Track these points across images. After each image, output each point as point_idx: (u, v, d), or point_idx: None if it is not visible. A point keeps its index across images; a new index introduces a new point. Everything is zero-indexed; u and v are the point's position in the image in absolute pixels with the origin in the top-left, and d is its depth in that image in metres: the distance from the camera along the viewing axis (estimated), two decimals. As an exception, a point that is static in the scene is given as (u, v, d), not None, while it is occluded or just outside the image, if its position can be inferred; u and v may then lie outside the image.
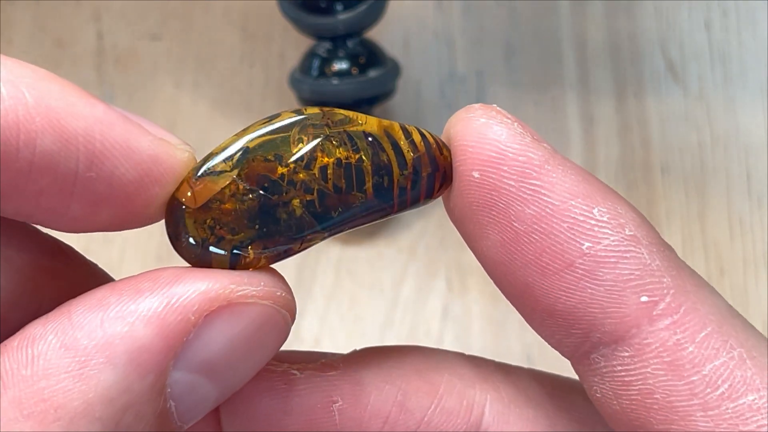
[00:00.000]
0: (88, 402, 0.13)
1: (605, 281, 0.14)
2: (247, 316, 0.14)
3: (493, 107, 0.15)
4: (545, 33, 0.41)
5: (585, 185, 0.15)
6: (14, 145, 0.13)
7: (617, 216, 0.14)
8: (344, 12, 0.35)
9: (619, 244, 0.14)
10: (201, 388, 0.14)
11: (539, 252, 0.15)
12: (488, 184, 0.15)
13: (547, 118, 0.39)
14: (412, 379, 0.17)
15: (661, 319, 0.14)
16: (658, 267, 0.14)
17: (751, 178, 0.38)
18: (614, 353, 0.14)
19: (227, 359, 0.14)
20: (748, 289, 0.37)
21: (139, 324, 0.13)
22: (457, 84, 0.40)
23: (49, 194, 0.14)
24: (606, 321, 0.14)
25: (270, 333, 0.15)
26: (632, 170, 0.38)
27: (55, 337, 0.13)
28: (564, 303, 0.15)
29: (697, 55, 0.40)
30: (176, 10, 0.42)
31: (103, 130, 0.14)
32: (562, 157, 0.15)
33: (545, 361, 0.35)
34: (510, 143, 0.15)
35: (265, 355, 0.15)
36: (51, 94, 0.14)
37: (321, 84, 0.35)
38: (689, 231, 0.38)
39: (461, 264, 0.37)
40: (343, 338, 0.36)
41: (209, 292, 0.14)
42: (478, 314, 0.36)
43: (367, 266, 0.37)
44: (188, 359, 0.14)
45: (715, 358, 0.14)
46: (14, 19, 0.42)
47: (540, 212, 0.14)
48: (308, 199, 0.15)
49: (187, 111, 0.40)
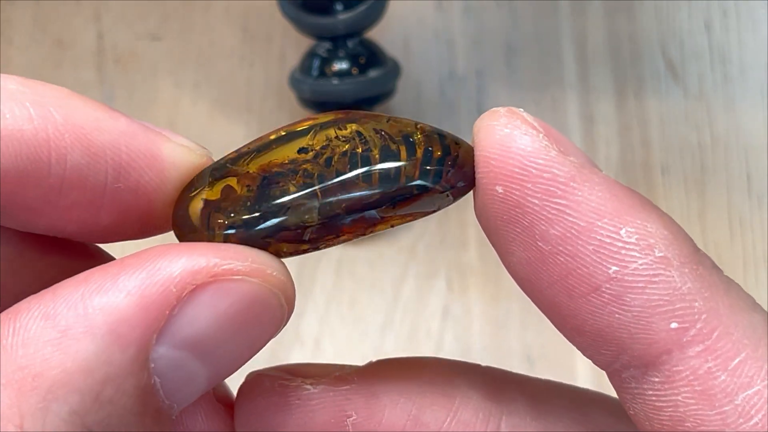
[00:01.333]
0: (66, 372, 0.13)
1: (633, 307, 0.14)
2: (234, 293, 0.14)
3: (518, 113, 0.15)
4: (545, 33, 0.41)
5: (613, 202, 0.14)
6: (46, 162, 0.14)
7: (646, 236, 0.14)
8: (344, 12, 0.35)
9: (647, 268, 0.14)
10: (188, 366, 0.14)
11: (565, 273, 0.14)
12: (512, 201, 0.14)
13: (547, 118, 0.39)
14: (428, 393, 0.17)
15: (692, 346, 0.13)
16: (689, 290, 0.14)
17: (751, 178, 0.38)
18: (645, 377, 0.14)
19: (214, 337, 0.14)
20: (748, 289, 0.36)
21: (120, 296, 0.13)
22: (457, 84, 0.40)
23: (80, 207, 0.15)
24: (635, 346, 0.14)
25: (261, 313, 0.14)
26: (632, 170, 0.38)
27: (37, 309, 0.13)
28: (591, 325, 0.14)
29: (697, 55, 0.40)
30: (176, 10, 0.42)
31: (128, 141, 0.15)
32: (591, 170, 0.14)
33: (545, 361, 0.35)
34: (534, 158, 0.14)
35: (259, 338, 0.15)
36: (77, 111, 0.14)
37: (321, 84, 0.35)
38: (689, 231, 0.37)
39: (461, 264, 0.37)
40: (343, 338, 0.36)
41: (192, 266, 0.14)
42: (478, 314, 0.36)
43: (367, 266, 0.37)
44: (172, 335, 0.14)
45: (748, 386, 0.13)
46: (14, 19, 0.42)
47: (565, 233, 0.14)
48: (307, 182, 0.15)
49: (187, 111, 0.40)
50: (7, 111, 0.14)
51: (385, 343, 0.36)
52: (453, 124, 0.39)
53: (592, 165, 0.14)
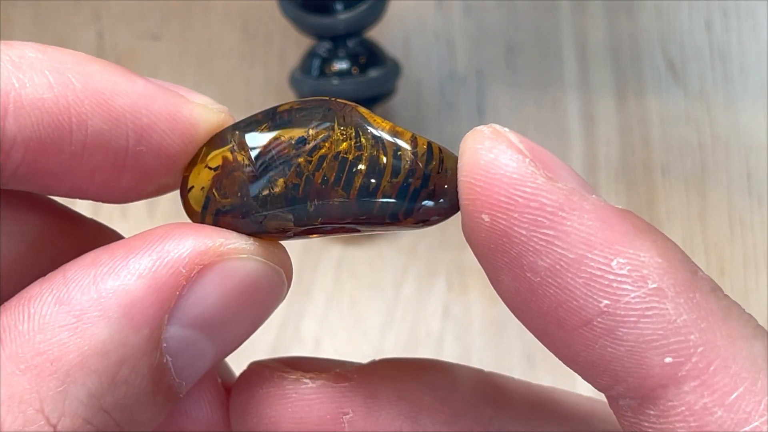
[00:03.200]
0: (83, 355, 0.13)
1: (626, 342, 0.13)
2: (241, 271, 0.14)
3: (503, 135, 0.14)
4: (545, 33, 0.41)
5: (604, 231, 0.13)
6: (67, 129, 0.14)
7: (639, 266, 0.13)
8: (344, 12, 0.35)
9: (640, 301, 0.13)
10: (197, 343, 0.14)
11: (555, 305, 0.14)
12: (499, 230, 0.14)
13: (547, 118, 0.39)
14: (426, 395, 0.17)
15: (688, 381, 0.13)
16: (684, 322, 0.13)
17: (751, 178, 0.38)
18: (641, 408, 0.14)
19: (222, 314, 0.14)
20: (748, 289, 0.37)
21: (131, 278, 0.13)
22: (457, 84, 0.40)
23: (102, 171, 0.15)
24: (629, 379, 0.13)
25: (265, 290, 0.15)
26: (632, 170, 0.38)
27: (50, 294, 0.13)
28: (584, 357, 0.14)
29: (697, 55, 0.40)
30: (176, 10, 0.42)
31: (148, 104, 0.15)
32: (581, 196, 0.14)
33: (546, 361, 0.35)
34: (521, 186, 0.14)
35: (261, 314, 0.15)
36: (95, 76, 0.15)
37: (321, 84, 0.35)
38: (689, 231, 0.37)
39: (461, 264, 0.37)
40: (343, 338, 0.36)
41: (199, 247, 0.14)
42: (478, 314, 0.36)
43: (367, 266, 0.37)
44: (183, 314, 0.14)
45: (746, 422, 0.13)
46: (14, 19, 0.42)
47: (554, 265, 0.13)
48: (294, 182, 0.15)
49: (187, 111, 0.40)
50: (27, 80, 0.14)
51: (385, 343, 0.36)
52: (453, 124, 0.39)
53: (583, 189, 0.14)
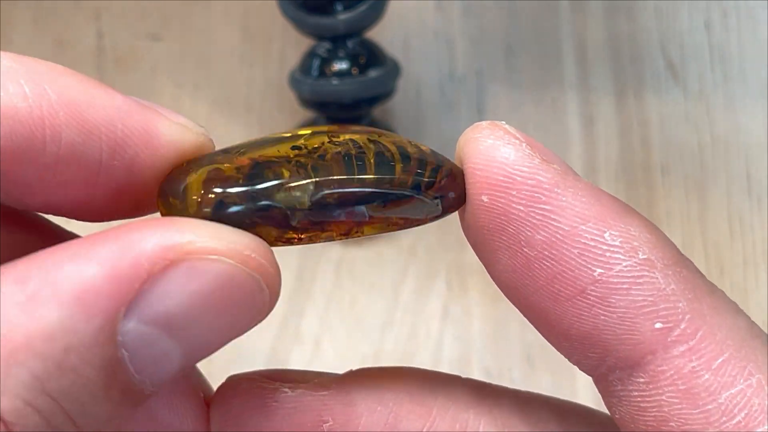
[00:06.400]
0: (29, 336, 0.13)
1: (618, 308, 0.14)
2: (207, 273, 0.14)
3: (500, 126, 0.15)
4: (545, 33, 0.41)
5: (597, 207, 0.14)
6: (41, 140, 0.14)
7: (630, 239, 0.14)
8: (344, 12, 0.35)
9: (631, 270, 0.14)
10: (159, 342, 0.14)
11: (551, 278, 0.14)
12: (497, 209, 0.15)
13: (547, 118, 0.39)
14: (405, 402, 0.17)
15: (676, 346, 0.14)
16: (673, 291, 0.14)
17: (751, 178, 0.38)
18: (630, 378, 0.14)
19: (186, 316, 0.14)
20: (748, 289, 0.37)
21: (90, 265, 0.13)
22: (457, 84, 0.40)
23: (75, 185, 0.14)
24: (620, 347, 0.14)
25: (238, 297, 0.14)
26: (632, 170, 0.38)
27: (12, 273, 0.13)
28: (578, 329, 0.14)
29: (697, 55, 0.40)
30: (176, 10, 0.42)
31: (123, 118, 0.15)
32: (574, 177, 0.15)
33: (546, 361, 0.35)
34: (518, 166, 0.14)
35: (236, 321, 0.14)
36: (71, 88, 0.14)
37: (321, 84, 0.35)
38: (689, 231, 0.38)
39: (461, 264, 0.37)
40: (343, 338, 0.36)
41: (166, 241, 0.13)
42: (478, 314, 0.36)
43: (367, 266, 0.37)
44: (142, 309, 0.13)
45: (731, 385, 0.13)
46: (14, 19, 0.42)
47: (550, 238, 0.14)
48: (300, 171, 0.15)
49: (187, 111, 0.40)
50: (1, 89, 0.14)
51: (385, 343, 0.36)
52: (453, 124, 0.39)
53: (574, 173, 0.15)
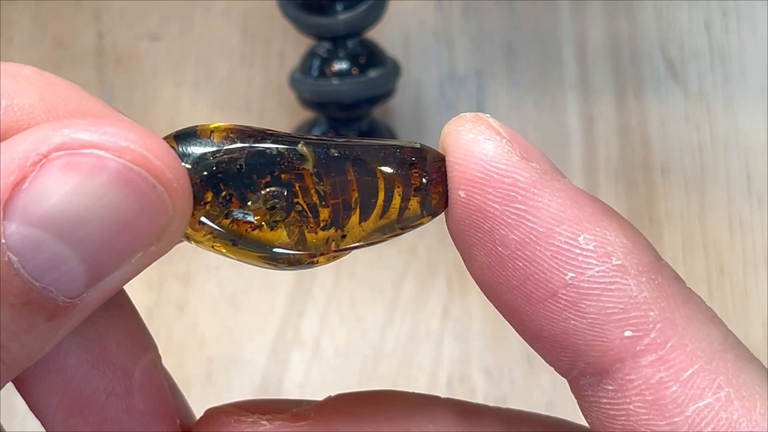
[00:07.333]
0: None
1: (588, 314, 0.14)
2: (83, 167, 0.13)
3: (483, 119, 0.15)
4: (545, 33, 0.41)
5: (573, 209, 0.14)
6: None
7: (605, 244, 0.14)
8: (344, 12, 0.35)
9: (603, 275, 0.14)
10: (50, 246, 0.13)
11: (523, 279, 0.14)
12: (473, 205, 0.14)
13: (547, 118, 0.39)
14: (384, 427, 0.17)
15: (645, 355, 0.14)
16: (645, 299, 0.14)
17: (751, 178, 0.38)
18: (600, 384, 0.14)
19: (69, 216, 0.13)
20: (748, 289, 0.37)
21: None
22: (457, 84, 0.40)
23: None
24: (590, 353, 0.14)
25: (123, 194, 0.13)
26: (632, 170, 0.38)
27: None
28: (549, 331, 0.14)
29: (697, 55, 0.40)
30: (176, 10, 0.42)
31: None
32: (553, 176, 0.14)
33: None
34: (496, 163, 0.14)
35: (130, 225, 0.13)
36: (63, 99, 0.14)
37: (321, 84, 0.35)
38: (689, 231, 0.38)
39: (461, 264, 0.37)
40: (343, 338, 0.36)
41: (39, 136, 0.12)
42: (478, 314, 0.36)
43: (367, 266, 0.37)
44: (23, 210, 0.12)
45: (699, 398, 0.13)
46: (14, 19, 0.42)
47: (524, 238, 0.14)
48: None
49: (187, 111, 0.40)
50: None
51: (385, 343, 0.36)
52: (453, 124, 0.39)
53: (555, 172, 0.15)
